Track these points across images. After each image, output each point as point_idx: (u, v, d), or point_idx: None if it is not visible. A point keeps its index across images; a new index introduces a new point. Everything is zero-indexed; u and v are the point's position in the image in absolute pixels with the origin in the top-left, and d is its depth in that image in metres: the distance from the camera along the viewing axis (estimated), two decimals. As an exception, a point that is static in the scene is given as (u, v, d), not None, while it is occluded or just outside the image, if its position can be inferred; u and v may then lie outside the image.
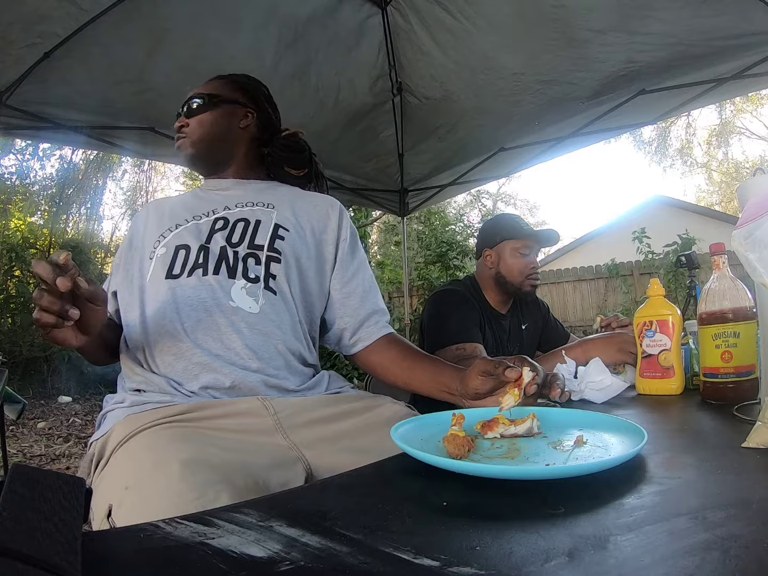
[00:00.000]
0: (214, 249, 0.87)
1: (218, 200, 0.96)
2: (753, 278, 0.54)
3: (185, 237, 0.89)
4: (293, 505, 0.42)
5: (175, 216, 0.93)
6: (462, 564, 0.29)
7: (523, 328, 1.68)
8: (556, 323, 1.79)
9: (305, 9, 1.99)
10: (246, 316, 0.83)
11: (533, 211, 19.86)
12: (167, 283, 0.85)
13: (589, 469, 0.43)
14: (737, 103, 13.91)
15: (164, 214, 0.95)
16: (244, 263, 0.86)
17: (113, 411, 0.78)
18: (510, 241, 1.59)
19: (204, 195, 1.00)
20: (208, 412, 0.73)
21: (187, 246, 0.88)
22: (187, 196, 1.03)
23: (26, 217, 8.28)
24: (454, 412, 0.59)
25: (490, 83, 2.40)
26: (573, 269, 7.81)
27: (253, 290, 0.85)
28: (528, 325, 1.70)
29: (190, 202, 0.98)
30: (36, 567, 0.26)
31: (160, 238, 0.90)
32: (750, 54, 2.06)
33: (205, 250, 0.87)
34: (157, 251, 0.89)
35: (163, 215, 0.95)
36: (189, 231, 0.90)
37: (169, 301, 0.83)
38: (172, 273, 0.86)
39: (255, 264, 0.87)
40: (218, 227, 0.90)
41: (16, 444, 3.77)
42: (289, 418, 0.74)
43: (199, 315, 0.82)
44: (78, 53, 1.86)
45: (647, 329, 0.95)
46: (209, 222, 0.91)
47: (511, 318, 1.66)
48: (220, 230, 0.90)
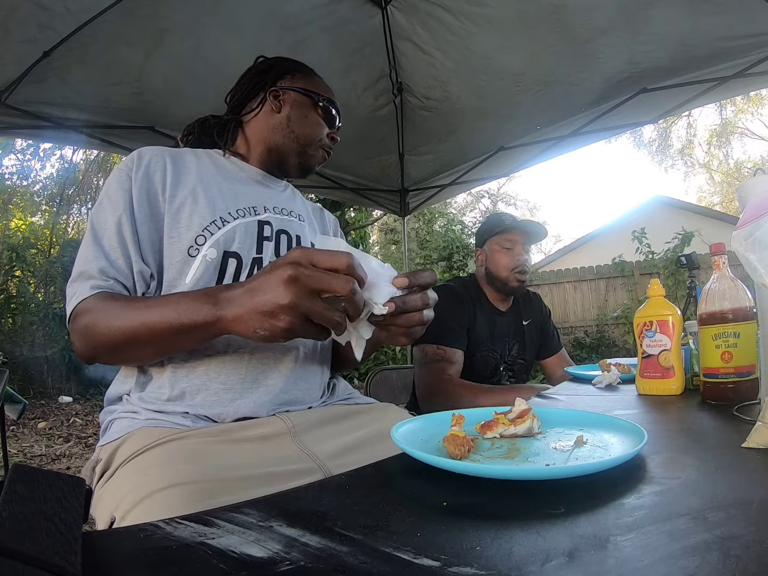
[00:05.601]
0: (265, 263, 0.81)
1: (254, 195, 0.88)
2: (753, 278, 0.54)
3: (236, 241, 0.79)
4: (293, 505, 0.42)
5: (216, 203, 0.81)
6: (462, 564, 0.29)
7: (524, 324, 1.70)
8: (554, 332, 1.81)
9: (305, 9, 1.99)
10: (302, 343, 0.81)
11: (533, 211, 19.89)
12: None
13: (589, 469, 0.43)
14: (738, 103, 13.92)
15: (199, 193, 0.81)
16: None
17: (123, 420, 0.74)
18: (494, 237, 1.62)
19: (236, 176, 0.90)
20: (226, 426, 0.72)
21: (238, 255, 0.79)
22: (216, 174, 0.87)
23: (27, 217, 8.29)
24: (454, 413, 0.59)
25: (491, 83, 2.40)
26: (573, 269, 7.81)
27: None
28: (530, 321, 1.72)
29: (226, 186, 0.86)
30: (36, 567, 0.26)
31: (205, 233, 0.77)
32: (751, 53, 2.07)
33: (258, 263, 0.81)
34: (204, 250, 0.76)
35: (198, 194, 0.81)
36: (238, 233, 0.80)
37: None
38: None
39: None
40: (266, 235, 0.84)
41: (16, 444, 3.77)
42: (306, 431, 0.74)
43: (255, 342, 0.74)
44: (78, 53, 1.86)
45: (647, 329, 0.95)
46: (254, 224, 0.83)
47: (511, 315, 1.68)
48: (267, 240, 0.84)
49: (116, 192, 0.77)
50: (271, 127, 0.93)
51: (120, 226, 0.75)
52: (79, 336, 0.71)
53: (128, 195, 0.77)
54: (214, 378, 0.74)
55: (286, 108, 0.92)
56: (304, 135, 0.92)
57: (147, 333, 0.65)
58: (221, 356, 0.75)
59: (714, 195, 17.77)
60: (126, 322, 0.67)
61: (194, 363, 0.75)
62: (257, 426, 0.72)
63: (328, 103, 0.95)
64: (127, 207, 0.77)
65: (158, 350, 0.71)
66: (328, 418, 0.79)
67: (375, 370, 1.84)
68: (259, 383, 0.77)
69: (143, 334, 0.65)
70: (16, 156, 8.91)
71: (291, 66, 0.97)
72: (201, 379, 0.74)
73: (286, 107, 0.92)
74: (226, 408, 0.73)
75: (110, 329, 0.67)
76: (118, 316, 0.68)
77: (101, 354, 0.71)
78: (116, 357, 0.73)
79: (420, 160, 3.14)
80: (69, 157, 9.41)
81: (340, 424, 0.79)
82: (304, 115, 0.92)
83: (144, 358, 0.74)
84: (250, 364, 0.76)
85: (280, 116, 0.92)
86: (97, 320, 0.69)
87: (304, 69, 0.98)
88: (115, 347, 0.68)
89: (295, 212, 0.93)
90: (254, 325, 0.55)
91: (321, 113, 0.94)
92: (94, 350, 0.71)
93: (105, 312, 0.69)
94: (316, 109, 0.94)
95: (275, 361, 0.79)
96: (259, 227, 0.84)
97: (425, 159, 3.14)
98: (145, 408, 0.73)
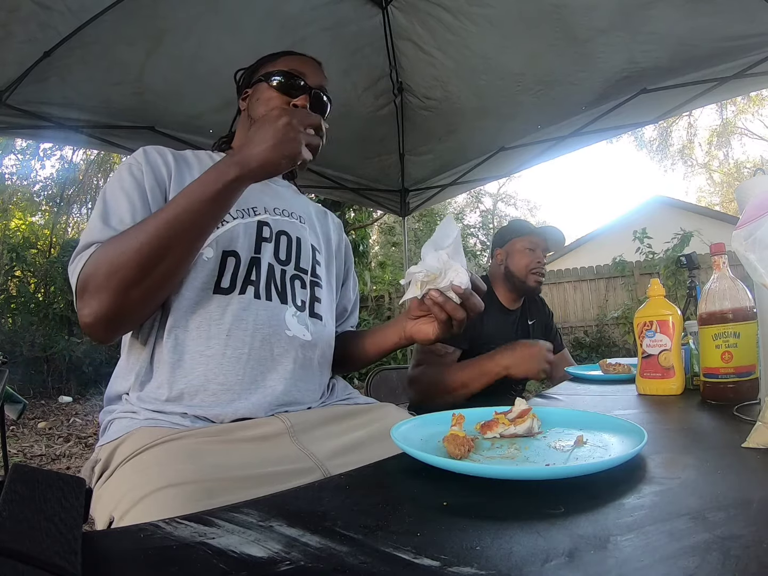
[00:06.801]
0: (263, 263, 0.81)
1: (254, 195, 0.86)
2: (753, 278, 0.54)
3: (234, 240, 0.80)
4: (293, 505, 0.42)
5: None
6: (462, 564, 0.29)
7: (530, 323, 1.77)
8: (557, 334, 1.88)
9: (305, 10, 1.99)
10: (301, 345, 0.81)
11: (534, 211, 19.93)
12: (217, 300, 0.76)
13: (589, 469, 0.43)
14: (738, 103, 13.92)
15: None
16: (291, 286, 0.84)
17: (122, 420, 0.73)
18: (517, 239, 1.72)
19: None
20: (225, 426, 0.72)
21: (236, 254, 0.79)
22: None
23: (27, 217, 8.30)
24: (454, 413, 0.59)
25: (491, 83, 2.40)
26: (573, 269, 7.80)
27: (302, 318, 0.83)
28: (535, 321, 1.80)
29: None
30: (36, 567, 0.26)
31: None
32: (751, 53, 2.07)
33: (256, 263, 0.80)
34: (202, 250, 0.77)
35: None
36: (237, 233, 0.80)
37: (217, 320, 0.75)
38: (221, 286, 0.77)
39: (301, 288, 0.85)
40: (265, 236, 0.83)
41: (16, 444, 3.77)
42: (305, 431, 0.74)
43: (254, 342, 0.76)
44: (78, 53, 1.86)
45: (647, 329, 0.95)
46: (253, 225, 0.83)
47: (519, 314, 1.75)
48: (266, 241, 0.83)
49: (130, 182, 0.77)
50: (241, 127, 0.95)
51: (134, 213, 0.74)
52: (95, 291, 0.66)
53: (141, 185, 0.78)
54: (212, 379, 0.74)
55: (246, 103, 0.93)
56: (257, 116, 0.86)
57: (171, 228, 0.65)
58: (220, 357, 0.75)
59: (714, 195, 17.78)
60: (142, 234, 0.65)
61: (193, 364, 0.74)
62: (256, 426, 0.72)
63: (282, 75, 0.87)
64: (142, 195, 0.77)
65: (191, 239, 0.69)
66: (327, 418, 0.79)
67: (375, 370, 1.84)
68: (258, 384, 0.76)
69: (166, 232, 0.65)
70: (16, 156, 8.92)
71: (259, 62, 0.94)
72: (199, 380, 0.73)
73: (247, 102, 0.92)
74: (224, 409, 0.72)
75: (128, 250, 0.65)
76: (129, 236, 0.66)
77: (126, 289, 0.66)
78: (145, 284, 0.67)
79: (420, 160, 3.14)
80: (69, 157, 9.43)
81: (339, 424, 0.79)
82: (256, 98, 0.89)
83: (180, 263, 0.71)
84: (248, 365, 0.76)
85: (244, 113, 0.93)
86: (108, 255, 0.66)
87: (271, 56, 0.93)
88: (141, 267, 0.65)
89: (296, 214, 0.92)
90: (277, 154, 0.65)
91: (275, 88, 0.87)
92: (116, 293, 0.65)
93: (114, 242, 0.67)
94: (270, 87, 0.87)
95: (274, 362, 0.78)
96: (258, 228, 0.84)
97: (425, 159, 3.14)
98: (144, 408, 0.73)
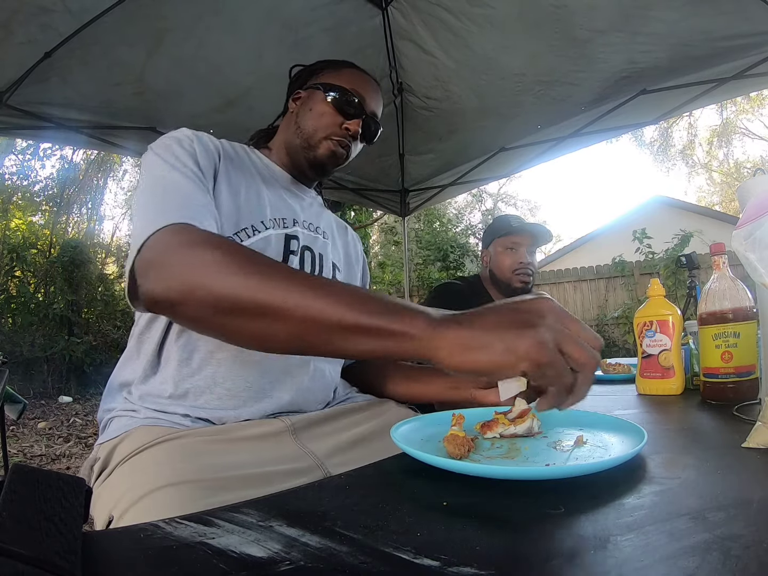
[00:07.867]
0: None
1: (288, 206, 0.87)
2: (753, 278, 0.54)
3: (264, 251, 0.77)
4: (293, 505, 0.42)
5: (250, 208, 0.79)
6: (462, 564, 0.29)
7: None
8: None
9: (305, 10, 1.99)
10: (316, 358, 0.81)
11: (534, 211, 19.84)
12: None
13: (589, 469, 0.43)
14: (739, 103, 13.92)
15: (239, 192, 0.79)
16: None
17: (122, 418, 0.72)
18: (499, 238, 1.65)
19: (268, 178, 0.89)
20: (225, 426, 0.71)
21: None
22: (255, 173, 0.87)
23: (27, 217, 8.30)
24: (454, 412, 0.59)
25: (492, 84, 2.40)
26: (573, 269, 7.80)
27: None
28: None
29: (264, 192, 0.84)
30: (36, 567, 0.26)
31: (234, 237, 0.75)
32: (751, 54, 2.06)
33: None
34: None
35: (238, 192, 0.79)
36: (269, 243, 0.79)
37: None
38: None
39: None
40: (292, 248, 0.83)
41: (16, 444, 3.77)
42: (305, 430, 0.74)
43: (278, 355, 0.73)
44: (79, 53, 1.86)
45: (647, 329, 0.95)
46: (281, 237, 0.82)
47: None
48: (293, 254, 0.83)
49: (184, 155, 0.72)
50: (285, 127, 0.94)
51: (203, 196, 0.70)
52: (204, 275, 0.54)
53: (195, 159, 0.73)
54: (220, 383, 0.72)
55: (297, 106, 0.92)
56: (305, 127, 0.89)
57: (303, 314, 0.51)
58: (231, 361, 0.73)
59: (714, 195, 17.77)
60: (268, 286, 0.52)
61: (202, 364, 0.73)
62: (256, 425, 0.72)
63: (341, 93, 0.88)
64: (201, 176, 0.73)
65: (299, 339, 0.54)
66: (326, 415, 0.79)
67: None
68: (265, 394, 0.75)
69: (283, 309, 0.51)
70: (16, 156, 8.91)
71: (320, 66, 0.95)
72: (206, 381, 0.72)
73: (298, 105, 0.92)
74: (227, 413, 0.72)
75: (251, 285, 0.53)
76: (261, 271, 0.54)
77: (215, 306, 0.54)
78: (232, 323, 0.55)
79: (420, 160, 3.14)
80: (69, 157, 9.42)
81: (339, 422, 0.79)
82: (309, 108, 0.90)
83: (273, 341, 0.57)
84: (259, 374, 0.74)
85: (291, 115, 0.93)
86: (230, 259, 0.55)
87: (334, 65, 0.94)
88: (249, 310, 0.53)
89: (321, 229, 0.92)
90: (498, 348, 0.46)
91: (331, 104, 0.88)
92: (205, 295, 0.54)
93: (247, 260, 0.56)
94: (325, 101, 0.89)
95: (286, 374, 0.77)
96: (286, 240, 0.83)
97: (426, 159, 3.14)
98: (144, 407, 0.72)
